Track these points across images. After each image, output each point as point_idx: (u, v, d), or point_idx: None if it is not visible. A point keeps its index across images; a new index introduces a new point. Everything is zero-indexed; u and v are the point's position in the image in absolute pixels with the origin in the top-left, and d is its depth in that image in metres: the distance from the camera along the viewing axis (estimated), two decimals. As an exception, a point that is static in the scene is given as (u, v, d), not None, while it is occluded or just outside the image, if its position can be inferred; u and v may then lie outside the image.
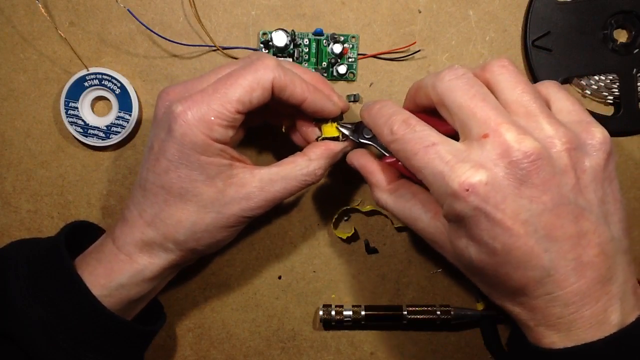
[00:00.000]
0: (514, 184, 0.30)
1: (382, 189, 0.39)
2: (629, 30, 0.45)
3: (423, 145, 0.32)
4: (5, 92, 0.45)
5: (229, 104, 0.34)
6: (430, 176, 0.32)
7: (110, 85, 0.44)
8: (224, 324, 0.47)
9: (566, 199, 0.31)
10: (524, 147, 0.30)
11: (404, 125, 0.34)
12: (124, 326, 0.38)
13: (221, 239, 0.38)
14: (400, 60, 0.46)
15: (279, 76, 0.35)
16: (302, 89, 0.36)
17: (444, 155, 0.32)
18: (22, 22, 0.44)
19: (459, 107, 0.32)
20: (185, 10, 0.45)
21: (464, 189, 0.30)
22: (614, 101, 0.46)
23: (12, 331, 0.35)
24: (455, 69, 0.33)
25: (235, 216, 0.37)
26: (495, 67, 0.34)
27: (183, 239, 0.37)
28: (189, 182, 0.35)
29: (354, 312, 0.46)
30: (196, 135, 0.34)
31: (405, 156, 0.34)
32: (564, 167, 0.31)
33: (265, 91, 0.35)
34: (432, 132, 0.33)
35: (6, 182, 0.46)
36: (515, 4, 0.45)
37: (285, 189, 0.38)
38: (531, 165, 0.30)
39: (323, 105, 0.38)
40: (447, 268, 0.47)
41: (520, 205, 0.30)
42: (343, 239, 0.47)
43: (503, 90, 0.33)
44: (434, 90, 0.34)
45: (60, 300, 0.36)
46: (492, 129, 0.31)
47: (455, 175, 0.31)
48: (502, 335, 0.47)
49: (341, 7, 0.45)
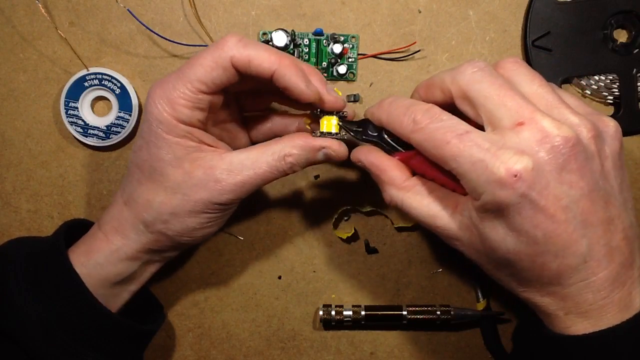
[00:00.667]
0: (556, 169, 0.30)
1: (396, 186, 0.37)
2: (629, 30, 0.45)
3: (456, 133, 0.31)
4: (5, 92, 0.45)
5: (190, 84, 0.34)
6: (467, 165, 0.31)
7: (110, 85, 0.44)
8: (224, 324, 0.47)
9: (597, 184, 0.31)
10: (563, 133, 0.30)
11: (428, 114, 0.33)
12: (122, 325, 0.38)
13: (192, 226, 0.37)
14: (400, 60, 0.46)
15: (239, 52, 0.34)
16: (269, 61, 0.34)
17: (481, 143, 0.31)
18: (22, 22, 0.44)
19: (486, 97, 0.32)
20: (185, 10, 0.45)
21: (511, 175, 0.29)
22: (614, 101, 0.46)
23: (11, 330, 0.36)
24: (477, 62, 0.33)
25: (204, 201, 0.36)
26: (508, 64, 0.34)
27: (150, 219, 0.36)
28: (157, 160, 0.35)
29: (354, 312, 0.46)
30: (161, 114, 0.35)
31: (434, 145, 0.32)
32: (592, 153, 0.31)
33: (226, 70, 0.34)
34: (462, 122, 0.32)
35: (6, 182, 0.46)
36: (515, 4, 0.45)
37: (256, 174, 0.36)
38: (571, 151, 0.30)
39: (295, 81, 0.35)
40: (447, 268, 0.47)
41: (561, 190, 0.30)
42: (343, 239, 0.47)
43: (520, 83, 0.33)
44: (454, 84, 0.34)
45: (59, 298, 0.36)
46: (527, 116, 0.31)
47: (499, 161, 0.30)
48: (502, 335, 0.47)
49: (341, 7, 0.45)
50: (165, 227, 0.37)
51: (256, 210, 0.47)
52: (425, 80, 0.37)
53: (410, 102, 0.35)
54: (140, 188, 0.37)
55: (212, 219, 0.37)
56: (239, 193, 0.36)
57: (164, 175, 0.36)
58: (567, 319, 0.33)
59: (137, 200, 0.37)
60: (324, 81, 0.38)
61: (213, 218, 0.37)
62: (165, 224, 0.37)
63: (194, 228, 0.37)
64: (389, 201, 0.38)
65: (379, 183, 0.38)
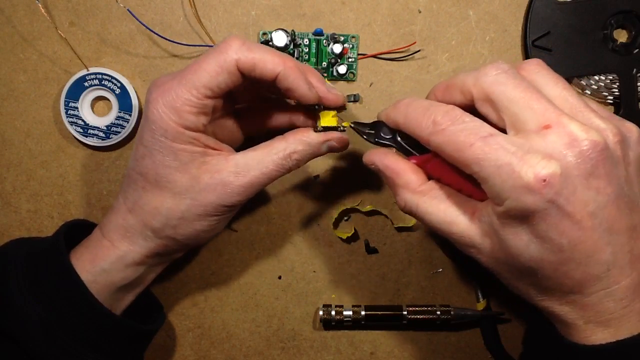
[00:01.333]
0: (584, 174, 0.29)
1: (411, 190, 0.36)
2: (629, 30, 0.45)
3: (480, 136, 0.30)
4: (5, 92, 0.45)
5: (195, 90, 0.34)
6: (491, 168, 0.30)
7: (110, 85, 0.44)
8: (224, 324, 0.47)
9: (623, 190, 0.31)
10: (592, 137, 0.29)
11: (449, 115, 0.32)
12: (122, 325, 0.38)
13: (201, 229, 0.37)
14: (400, 60, 0.46)
15: (244, 56, 0.34)
16: (273, 63, 0.34)
17: (507, 146, 0.30)
18: (22, 22, 0.44)
19: (510, 100, 0.31)
20: (185, 10, 0.45)
21: (540, 180, 0.28)
22: (614, 101, 0.46)
23: (11, 330, 0.36)
24: (500, 64, 0.32)
25: (213, 204, 0.36)
26: (531, 66, 0.33)
27: (159, 226, 0.36)
28: (163, 168, 0.35)
29: (354, 312, 0.46)
30: (166, 123, 0.34)
31: (456, 148, 0.31)
32: (617, 159, 0.31)
33: (231, 74, 0.34)
34: (484, 124, 0.31)
35: (6, 182, 0.46)
36: (515, 4, 0.45)
37: (263, 174, 0.36)
38: (599, 155, 0.29)
39: (298, 83, 0.35)
40: (447, 268, 0.47)
41: (589, 196, 0.29)
42: (343, 239, 0.47)
43: (544, 86, 0.32)
44: (477, 85, 0.32)
45: (59, 298, 0.36)
46: (553, 119, 0.30)
47: (527, 166, 0.29)
48: (502, 335, 0.47)
49: (341, 7, 0.45)
50: (174, 232, 0.37)
51: (256, 210, 0.47)
52: (444, 81, 0.36)
53: (429, 103, 0.34)
54: (146, 195, 0.36)
55: (220, 220, 0.38)
56: (248, 194, 0.37)
57: (171, 181, 0.36)
58: (586, 328, 0.32)
59: (144, 208, 0.36)
60: (322, 80, 0.38)
61: (221, 220, 0.38)
62: (174, 229, 0.37)
63: (203, 230, 0.37)
64: (403, 206, 0.36)
65: (392, 187, 0.37)
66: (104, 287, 0.37)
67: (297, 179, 0.47)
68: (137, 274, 0.38)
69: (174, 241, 0.38)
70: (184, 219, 0.36)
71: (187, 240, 0.38)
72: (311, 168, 0.47)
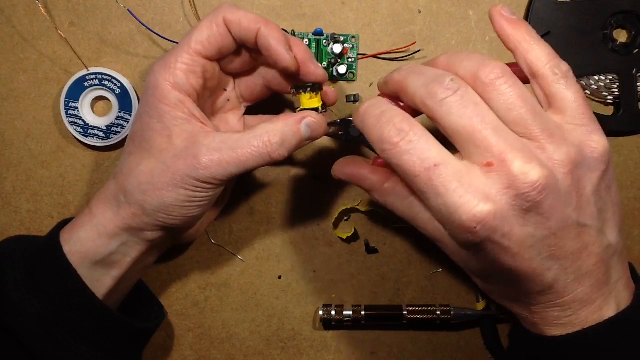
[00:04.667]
0: (520, 214, 0.30)
1: (377, 191, 0.37)
2: (629, 30, 0.45)
3: (424, 167, 0.30)
4: (5, 92, 0.45)
5: (187, 46, 0.36)
6: (434, 203, 0.31)
7: (110, 85, 0.44)
8: (224, 324, 0.47)
9: (569, 220, 0.31)
10: (531, 178, 0.29)
11: (396, 132, 0.31)
12: (119, 321, 0.38)
13: (169, 201, 0.36)
14: (400, 60, 0.46)
15: (231, 12, 0.36)
16: (255, 20, 0.36)
17: (448, 183, 0.30)
18: (22, 22, 0.44)
19: (454, 130, 0.31)
20: (185, 10, 0.45)
21: (473, 224, 0.29)
22: (614, 101, 0.46)
23: (9, 324, 0.36)
24: (448, 86, 0.31)
25: (181, 174, 0.35)
26: (488, 79, 0.31)
27: (130, 188, 0.36)
28: (147, 130, 0.36)
29: (354, 312, 0.46)
30: (157, 80, 0.36)
31: (402, 172, 0.31)
32: (567, 188, 0.31)
33: (219, 26, 0.36)
34: (432, 146, 0.31)
35: (6, 182, 0.46)
36: (515, 4, 0.45)
37: (236, 155, 0.35)
38: (538, 196, 0.30)
39: (276, 43, 0.36)
40: (447, 268, 0.47)
41: (526, 233, 0.30)
42: (343, 239, 0.47)
43: (499, 109, 0.31)
44: (424, 106, 0.32)
45: (56, 293, 0.36)
46: (496, 157, 0.30)
47: (463, 209, 0.29)
48: (502, 335, 0.47)
49: (341, 7, 0.45)
50: (142, 198, 0.36)
51: (256, 210, 0.47)
52: (399, 79, 0.34)
53: (381, 111, 0.33)
54: (129, 158, 0.37)
55: (191, 198, 0.36)
56: (216, 171, 0.35)
57: (150, 142, 0.36)
58: (537, 326, 0.35)
59: (123, 170, 0.37)
60: (309, 52, 0.39)
61: (192, 198, 0.36)
62: (143, 195, 0.36)
63: (171, 204, 0.36)
64: (376, 202, 0.38)
65: (363, 189, 0.38)
66: (79, 260, 0.37)
67: (297, 179, 0.47)
68: (109, 249, 0.37)
69: (143, 211, 0.36)
70: (153, 185, 0.36)
71: (155, 214, 0.36)
72: (311, 168, 0.47)
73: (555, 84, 0.32)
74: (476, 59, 0.32)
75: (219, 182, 0.36)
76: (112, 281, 0.38)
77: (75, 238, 0.37)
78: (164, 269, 0.47)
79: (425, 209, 0.34)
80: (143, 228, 0.37)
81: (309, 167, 0.47)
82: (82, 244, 0.37)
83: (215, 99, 0.41)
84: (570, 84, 0.32)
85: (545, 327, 0.34)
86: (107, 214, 0.37)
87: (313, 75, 0.38)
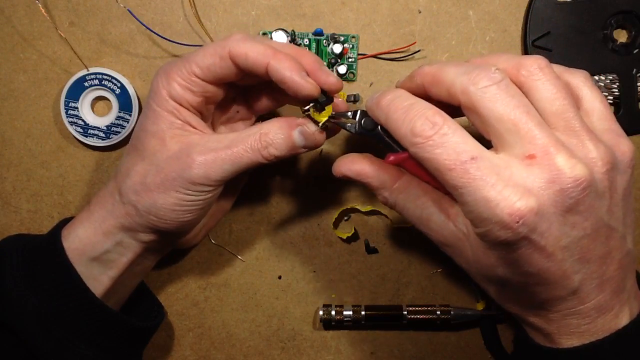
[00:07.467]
0: (561, 211, 0.29)
1: (388, 189, 0.36)
2: (629, 30, 0.45)
3: (460, 161, 0.29)
4: (5, 92, 0.45)
5: (188, 65, 0.36)
6: (469, 197, 0.29)
7: (110, 85, 0.44)
8: (224, 324, 0.47)
9: (602, 222, 0.30)
10: (576, 173, 0.28)
11: (429, 125, 0.30)
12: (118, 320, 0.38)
13: (161, 203, 0.35)
14: (400, 60, 0.46)
15: (237, 46, 0.34)
16: (264, 54, 0.34)
17: (487, 177, 0.29)
18: (22, 22, 0.44)
19: (497, 119, 0.30)
20: (185, 10, 0.45)
21: (514, 220, 0.28)
22: (614, 101, 0.46)
23: (9, 321, 0.36)
24: (492, 74, 0.30)
25: (174, 175, 0.35)
26: (533, 69, 0.31)
27: (125, 188, 0.36)
28: (143, 131, 0.37)
29: (354, 312, 0.46)
30: (157, 86, 0.36)
31: (434, 167, 0.30)
32: (603, 189, 0.30)
33: (223, 60, 0.35)
34: (467, 139, 0.30)
35: (6, 182, 0.46)
36: (515, 4, 0.45)
37: (231, 152, 0.35)
38: (580, 194, 0.29)
39: (291, 75, 0.34)
40: (447, 268, 0.47)
41: (563, 232, 0.29)
42: (343, 239, 0.47)
43: (541, 99, 0.31)
44: (464, 94, 0.30)
45: (55, 291, 0.36)
46: (539, 149, 0.29)
47: (504, 202, 0.28)
48: (502, 335, 0.47)
49: (341, 7, 0.45)
50: (136, 198, 0.36)
51: (256, 210, 0.47)
52: (431, 69, 0.33)
53: (410, 103, 0.32)
54: (126, 158, 0.38)
55: (182, 202, 0.36)
56: (210, 169, 0.35)
57: (144, 144, 0.36)
58: (550, 337, 0.34)
59: (121, 170, 0.38)
60: (318, 60, 0.37)
61: (183, 201, 0.36)
62: (136, 195, 0.36)
63: (162, 206, 0.36)
64: (385, 203, 0.37)
65: (371, 189, 0.37)
66: (77, 255, 0.37)
67: (297, 179, 0.47)
68: (104, 247, 0.37)
69: (136, 211, 0.36)
70: (145, 186, 0.36)
71: (147, 215, 0.36)
72: (311, 168, 0.47)
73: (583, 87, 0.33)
74: (514, 56, 0.32)
75: (213, 182, 0.35)
76: (109, 281, 0.38)
77: (73, 235, 0.37)
78: (164, 269, 0.47)
79: (440, 210, 0.34)
80: (136, 229, 0.37)
81: (309, 167, 0.47)
82: (80, 240, 0.37)
83: (224, 110, 0.41)
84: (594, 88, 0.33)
85: (561, 336, 0.33)
86: (103, 212, 0.37)
87: (325, 85, 0.36)
